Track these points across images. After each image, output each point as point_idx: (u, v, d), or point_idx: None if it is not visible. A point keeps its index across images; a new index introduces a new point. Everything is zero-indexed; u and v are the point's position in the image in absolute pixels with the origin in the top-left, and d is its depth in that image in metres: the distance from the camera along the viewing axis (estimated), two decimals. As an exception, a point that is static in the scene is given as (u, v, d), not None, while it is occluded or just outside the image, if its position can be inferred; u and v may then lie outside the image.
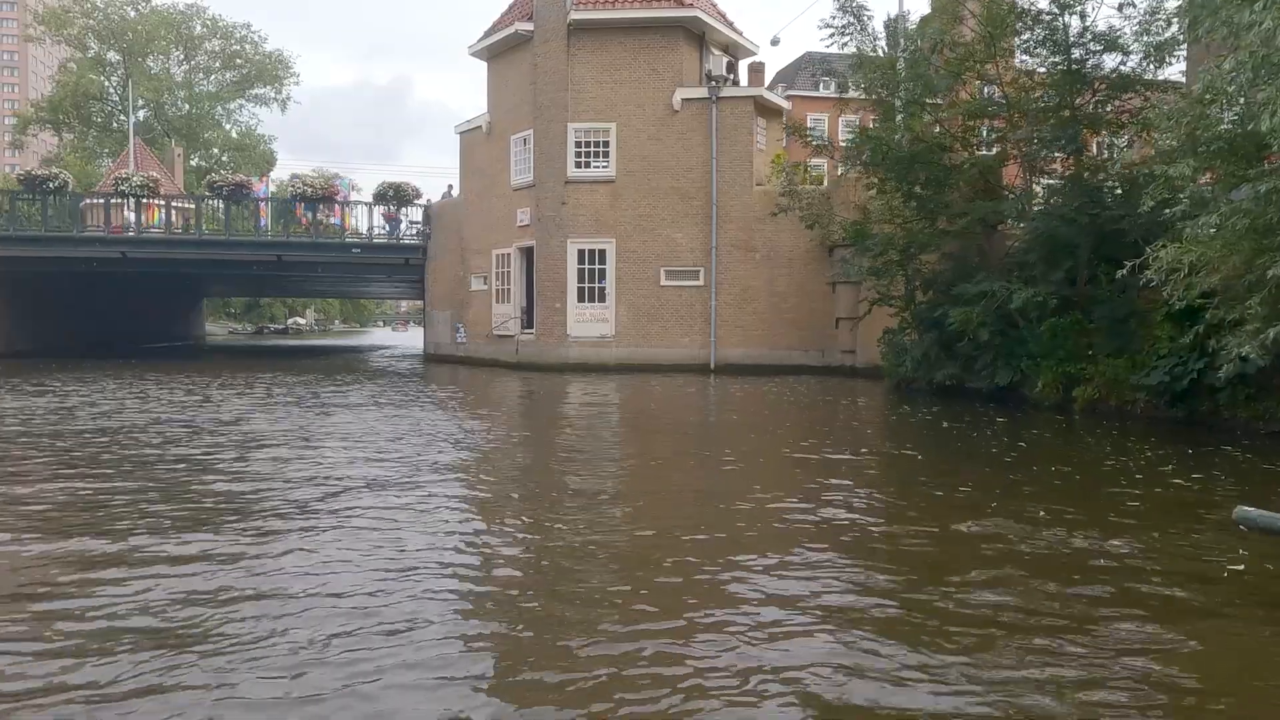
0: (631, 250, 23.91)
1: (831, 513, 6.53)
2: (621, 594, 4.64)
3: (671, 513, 6.57)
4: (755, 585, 4.75)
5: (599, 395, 17.57)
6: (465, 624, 4.18)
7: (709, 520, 6.12)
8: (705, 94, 23.75)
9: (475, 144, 27.66)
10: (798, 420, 13.49)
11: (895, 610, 4.37)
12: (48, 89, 71.72)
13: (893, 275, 17.60)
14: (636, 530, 6.02)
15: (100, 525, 5.88)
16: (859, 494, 7.32)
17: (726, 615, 4.28)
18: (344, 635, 3.92)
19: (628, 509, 6.71)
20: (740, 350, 23.73)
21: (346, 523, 6.00)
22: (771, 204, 23.33)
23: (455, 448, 9.73)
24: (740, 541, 5.63)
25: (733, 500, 6.83)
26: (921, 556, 5.41)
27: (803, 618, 4.27)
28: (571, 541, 5.65)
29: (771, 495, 7.10)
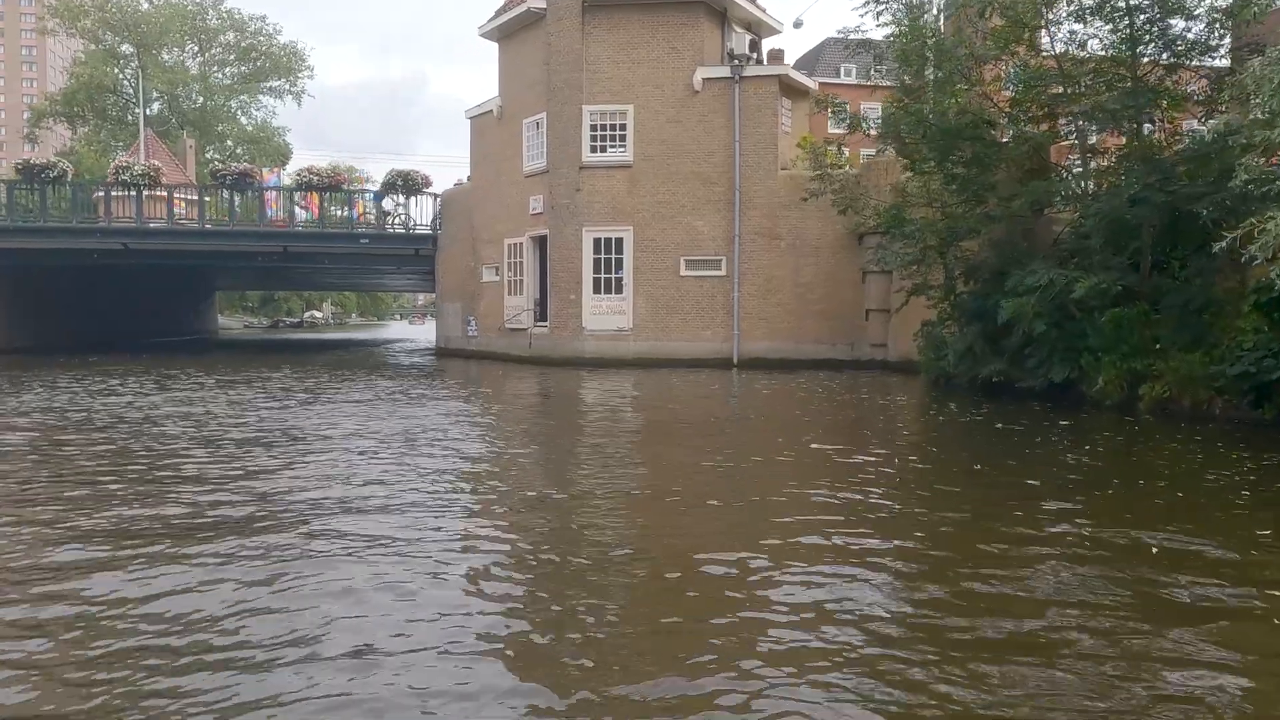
0: (650, 239, 22.69)
1: (887, 536, 5.33)
2: (645, 629, 3.49)
3: (699, 527, 5.41)
4: (810, 630, 3.58)
5: (616, 393, 16.39)
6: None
7: (742, 539, 4.96)
8: (727, 73, 22.48)
9: (486, 129, 26.51)
10: (833, 421, 12.25)
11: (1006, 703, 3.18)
12: (64, 82, 71.28)
13: (930, 263, 16.30)
14: (662, 547, 4.86)
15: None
16: (917, 514, 6.11)
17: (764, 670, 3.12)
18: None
19: (648, 523, 5.55)
20: (764, 344, 22.48)
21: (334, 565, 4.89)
22: (798, 189, 22.08)
23: (456, 467, 8.58)
24: (780, 568, 4.46)
25: (770, 517, 5.66)
26: (1014, 606, 4.20)
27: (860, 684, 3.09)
28: (592, 560, 4.50)
29: (814, 509, 5.91)
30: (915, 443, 10.37)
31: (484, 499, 6.71)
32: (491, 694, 3.25)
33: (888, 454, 9.20)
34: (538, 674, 3.48)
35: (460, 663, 3.52)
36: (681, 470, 8.13)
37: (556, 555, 5.04)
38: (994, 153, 14.78)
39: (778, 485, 7.12)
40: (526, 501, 6.62)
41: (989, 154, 14.86)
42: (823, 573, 4.67)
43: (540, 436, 10.76)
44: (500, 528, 5.74)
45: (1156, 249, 12.98)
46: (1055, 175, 14.97)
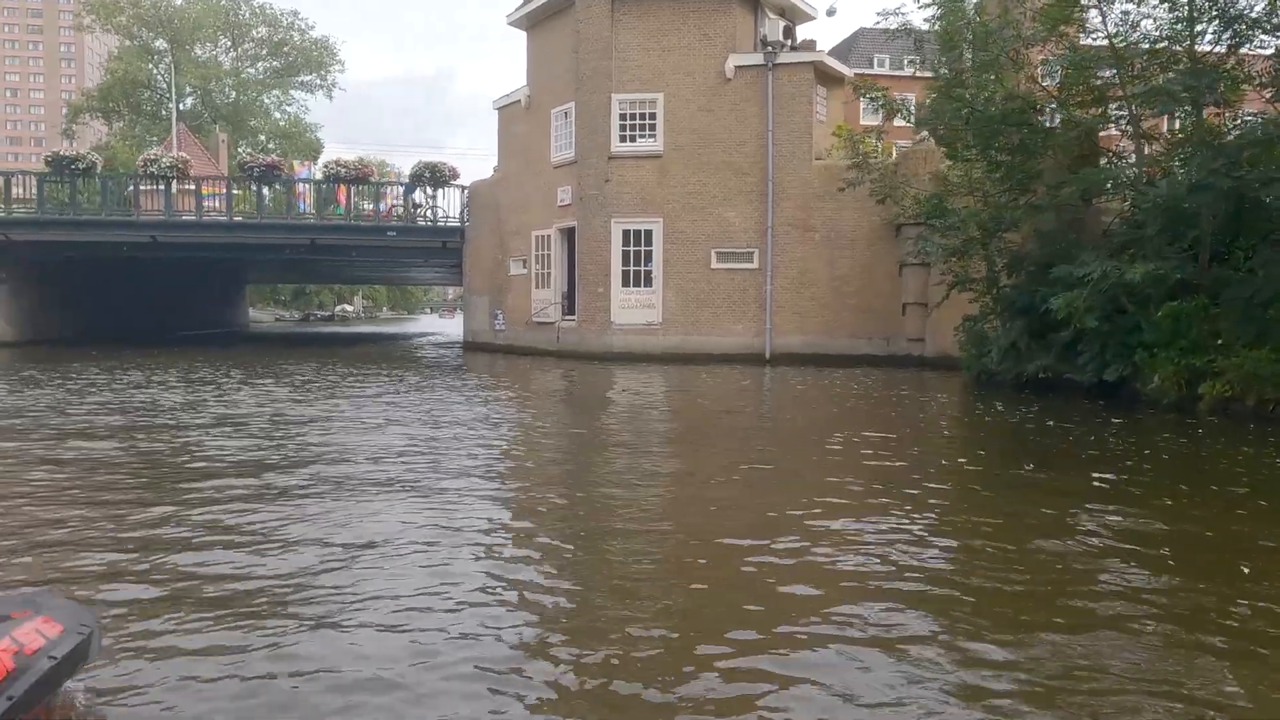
0: (680, 230, 22.16)
1: (948, 549, 4.82)
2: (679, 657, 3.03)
3: (735, 530, 4.93)
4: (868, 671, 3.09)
5: (645, 389, 15.93)
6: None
7: (781, 546, 4.48)
8: (760, 60, 21.86)
9: (514, 119, 26.10)
10: (874, 419, 11.68)
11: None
12: (100, 78, 72.05)
13: (972, 255, 15.65)
14: (695, 567, 4.38)
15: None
16: (973, 520, 5.59)
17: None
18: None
19: (681, 537, 5.07)
20: (797, 339, 21.88)
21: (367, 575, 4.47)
22: (833, 179, 21.45)
23: (486, 467, 8.15)
24: (834, 595, 3.97)
25: (811, 521, 5.16)
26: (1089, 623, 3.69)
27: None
28: (618, 578, 4.05)
29: (862, 511, 5.40)
30: (964, 443, 9.80)
31: (508, 515, 6.26)
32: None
33: (936, 455, 8.66)
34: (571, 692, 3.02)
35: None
36: (716, 470, 7.65)
37: (578, 584, 4.58)
38: (1041, 139, 14.09)
39: (819, 487, 6.62)
40: (554, 509, 6.17)
41: (1035, 140, 14.18)
42: (876, 576, 4.18)
43: (566, 436, 10.32)
44: (527, 533, 5.31)
45: (1217, 239, 12.28)
46: (1107, 162, 14.24)
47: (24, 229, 26.14)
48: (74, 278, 29.99)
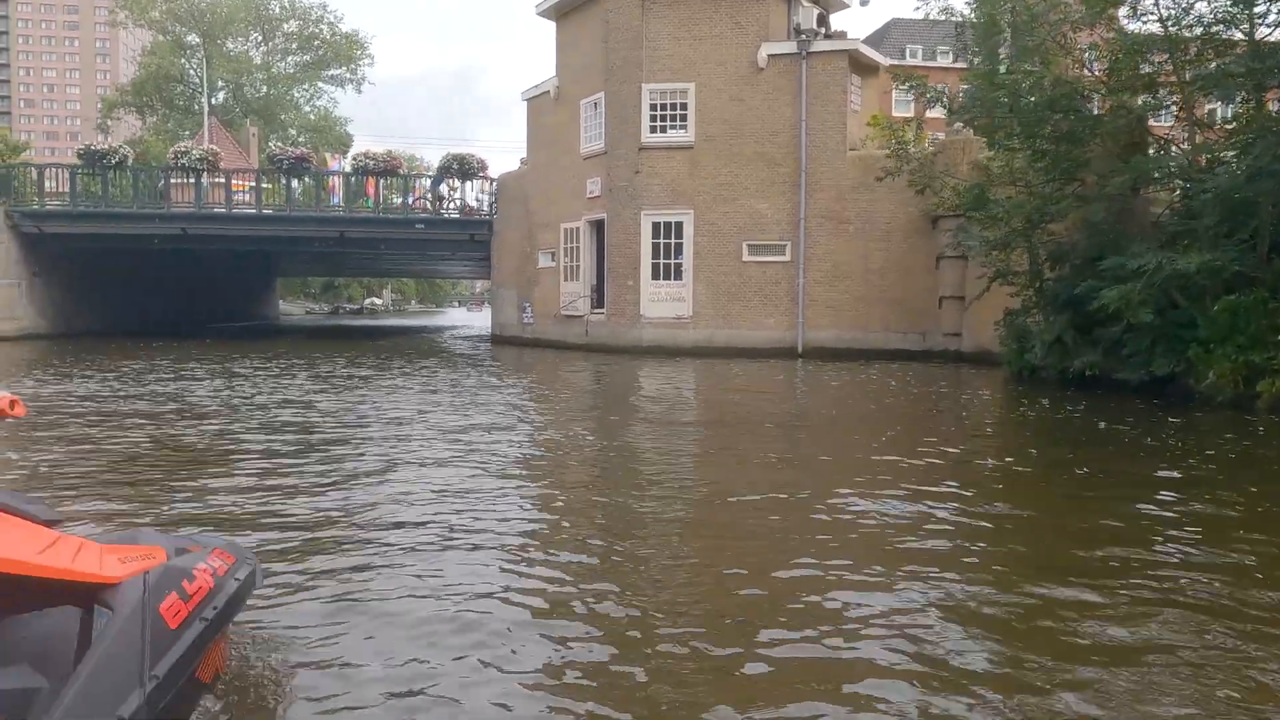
0: (711, 222, 21.81)
1: (1003, 561, 4.47)
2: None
3: (771, 539, 4.62)
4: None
5: (675, 383, 15.62)
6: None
7: (820, 548, 4.16)
8: (794, 49, 21.42)
9: (543, 110, 25.85)
10: (914, 416, 11.29)
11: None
12: (134, 74, 72.78)
13: (1014, 247, 15.17)
14: (733, 586, 4.08)
15: None
16: (1030, 521, 5.22)
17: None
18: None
19: (717, 548, 4.76)
20: (831, 333, 21.47)
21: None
22: (867, 170, 20.99)
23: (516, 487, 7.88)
24: (866, 584, 3.65)
25: (854, 521, 4.84)
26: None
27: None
28: (648, 598, 3.75)
29: (909, 515, 5.07)
30: (1012, 442, 9.39)
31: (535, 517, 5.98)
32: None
33: (983, 456, 8.27)
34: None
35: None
36: (752, 469, 7.33)
37: (615, 587, 4.28)
38: (1089, 127, 13.58)
39: (862, 486, 6.28)
40: (586, 514, 5.89)
41: (1083, 128, 13.67)
42: (925, 584, 3.86)
43: (596, 430, 10.04)
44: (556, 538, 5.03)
45: (1277, 230, 11.73)
46: (1158, 150, 13.70)
47: (56, 221, 26.34)
48: (105, 270, 30.18)
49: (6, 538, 2.13)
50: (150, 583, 2.31)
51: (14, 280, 26.10)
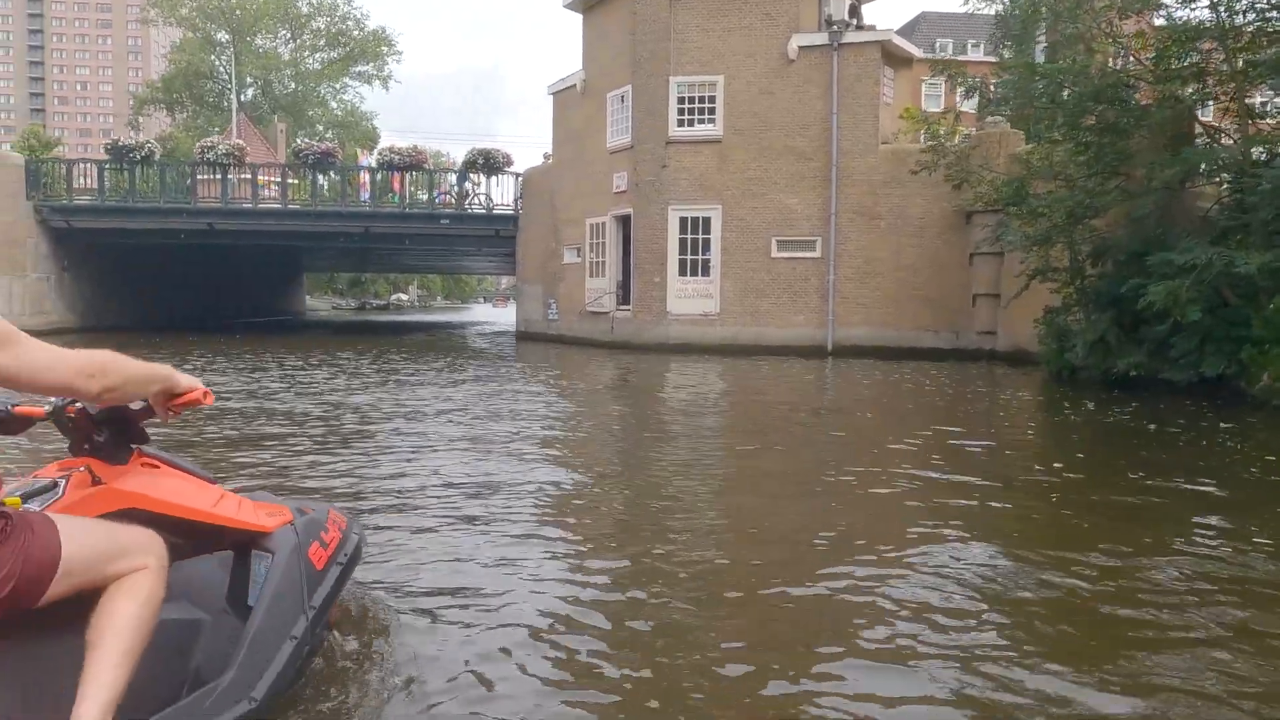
0: (739, 218, 21.43)
1: (1068, 580, 4.11)
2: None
3: (812, 550, 4.29)
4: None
5: (704, 381, 15.29)
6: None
7: (864, 567, 3.83)
8: (825, 40, 20.97)
9: (568, 104, 25.58)
10: (953, 419, 10.89)
11: None
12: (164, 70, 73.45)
13: (1053, 243, 14.68)
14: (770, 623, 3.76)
15: None
16: (1094, 540, 4.85)
17: None
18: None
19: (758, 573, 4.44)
20: (861, 330, 21.03)
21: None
22: (900, 164, 20.55)
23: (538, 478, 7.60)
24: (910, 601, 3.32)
25: (898, 535, 4.49)
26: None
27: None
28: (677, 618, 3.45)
29: (952, 523, 4.72)
30: (1059, 447, 8.97)
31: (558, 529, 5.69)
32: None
33: (1030, 461, 7.88)
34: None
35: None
36: (798, 474, 7.00)
37: (649, 596, 3.97)
38: (1135, 118, 13.07)
39: (903, 494, 5.93)
40: (616, 517, 5.59)
41: (1128, 120, 13.16)
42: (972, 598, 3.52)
43: (624, 433, 9.74)
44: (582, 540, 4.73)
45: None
46: (1207, 142, 13.17)
47: (85, 216, 26.43)
48: (134, 265, 30.30)
49: (188, 491, 2.47)
50: (299, 531, 2.73)
51: (43, 274, 26.22)
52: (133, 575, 2.12)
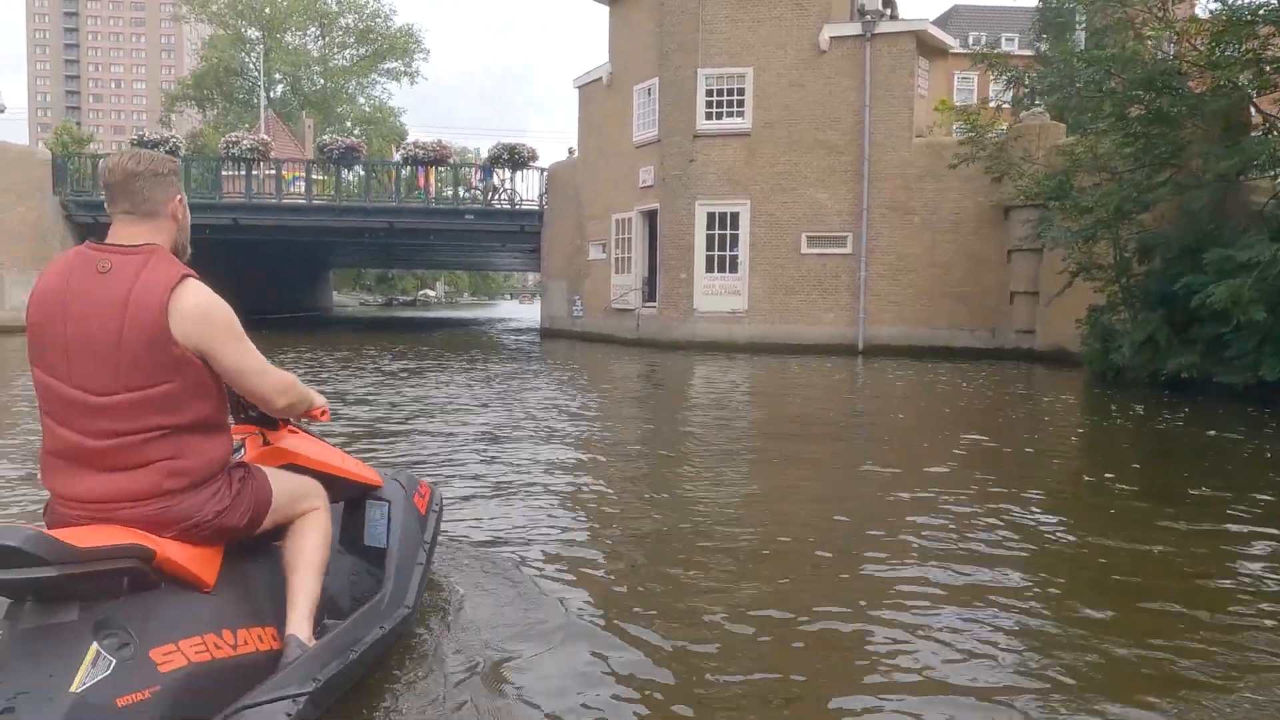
0: (768, 213, 20.90)
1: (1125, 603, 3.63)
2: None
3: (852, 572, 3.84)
4: None
5: (731, 381, 14.81)
6: None
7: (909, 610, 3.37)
8: (858, 30, 20.37)
9: (594, 98, 25.16)
10: (995, 423, 10.33)
11: None
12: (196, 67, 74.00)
13: (1099, 239, 14.04)
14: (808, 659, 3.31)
15: None
16: (1159, 563, 4.35)
17: None
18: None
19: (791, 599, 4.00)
20: (893, 329, 20.43)
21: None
22: (935, 158, 19.96)
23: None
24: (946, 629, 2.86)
25: (942, 550, 4.03)
26: None
27: None
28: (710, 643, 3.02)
29: (1004, 539, 4.24)
30: (1109, 455, 8.40)
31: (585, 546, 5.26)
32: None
33: (1079, 472, 7.35)
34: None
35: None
36: (819, 491, 6.53)
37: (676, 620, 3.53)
38: (1188, 107, 12.39)
39: (940, 509, 5.44)
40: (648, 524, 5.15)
41: (1180, 109, 12.50)
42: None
43: (644, 441, 9.30)
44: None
45: None
46: (1265, 131, 12.46)
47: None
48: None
49: (325, 451, 2.99)
50: (403, 484, 3.23)
51: (70, 270, 26.21)
52: (311, 513, 2.69)
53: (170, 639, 2.14)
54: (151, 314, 2.24)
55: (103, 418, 2.26)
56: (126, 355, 2.24)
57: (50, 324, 2.28)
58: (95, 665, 1.99)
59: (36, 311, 2.32)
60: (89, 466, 2.28)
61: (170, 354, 2.26)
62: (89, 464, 2.28)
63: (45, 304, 2.31)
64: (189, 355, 2.29)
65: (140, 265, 2.30)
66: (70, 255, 2.39)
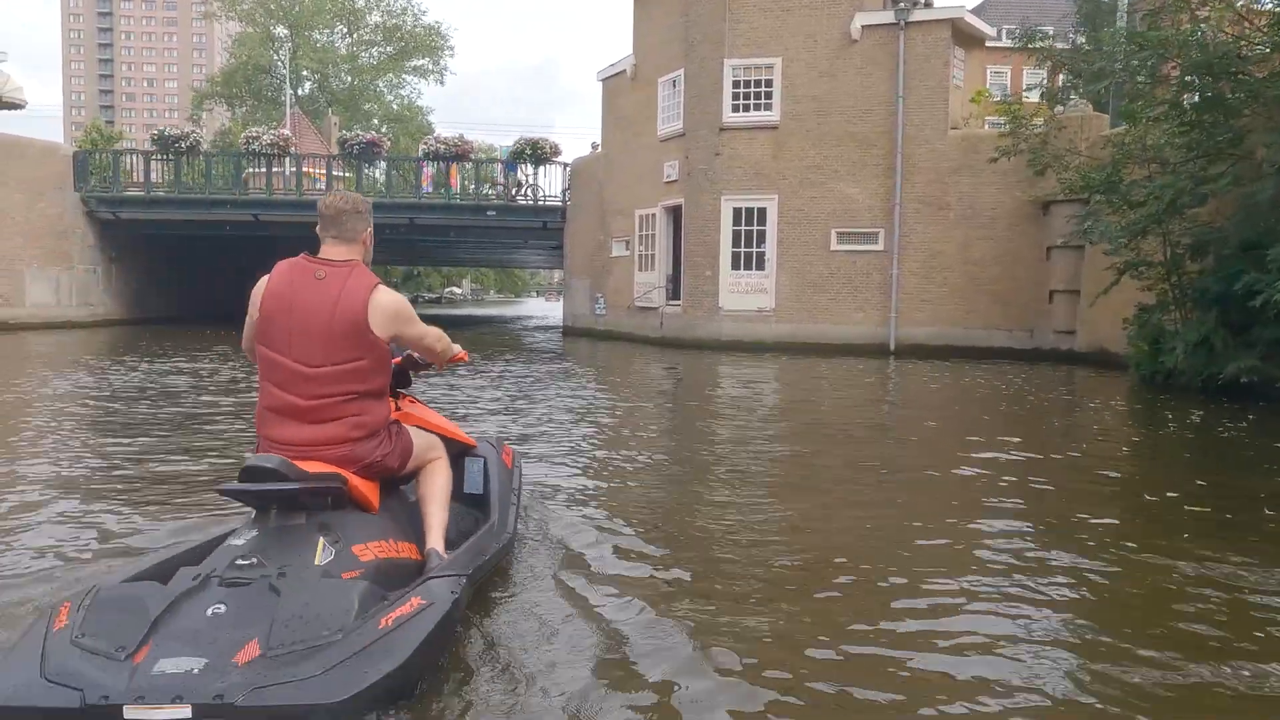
0: (797, 208, 20.21)
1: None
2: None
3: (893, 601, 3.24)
4: None
5: (759, 383, 14.18)
6: None
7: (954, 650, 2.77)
8: (891, 18, 19.62)
9: (618, 91, 24.57)
10: (1040, 432, 9.63)
11: None
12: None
13: (1150, 235, 13.24)
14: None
15: None
16: (1238, 598, 3.70)
17: None
18: None
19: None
20: (926, 329, 19.68)
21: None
22: (970, 151, 19.21)
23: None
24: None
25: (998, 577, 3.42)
26: None
27: None
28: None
29: (1078, 595, 3.62)
30: (1171, 468, 7.70)
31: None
32: None
33: (1139, 486, 6.67)
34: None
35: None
36: (851, 504, 5.91)
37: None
38: (1250, 93, 11.58)
39: (983, 532, 4.81)
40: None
41: (1241, 95, 11.68)
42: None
43: (668, 449, 8.71)
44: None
45: None
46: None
47: (131, 208, 26.21)
48: (182, 257, 30.18)
49: (437, 417, 3.91)
50: (492, 444, 4.18)
51: (90, 266, 26.10)
52: (437, 460, 3.55)
53: (361, 540, 3.03)
54: (355, 310, 3.09)
55: (313, 384, 3.10)
56: (334, 339, 3.09)
57: (278, 315, 3.10)
58: (324, 552, 2.87)
59: (268, 305, 3.13)
60: (299, 419, 3.12)
61: (366, 339, 3.12)
62: (299, 417, 3.12)
63: (274, 300, 3.13)
64: (379, 340, 3.15)
65: (346, 275, 3.15)
66: (291, 264, 3.20)
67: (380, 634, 2.52)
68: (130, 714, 2.23)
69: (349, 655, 2.41)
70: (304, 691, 2.28)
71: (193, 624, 2.51)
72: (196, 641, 2.44)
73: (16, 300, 24.13)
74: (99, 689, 2.25)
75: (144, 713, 2.23)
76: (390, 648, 2.48)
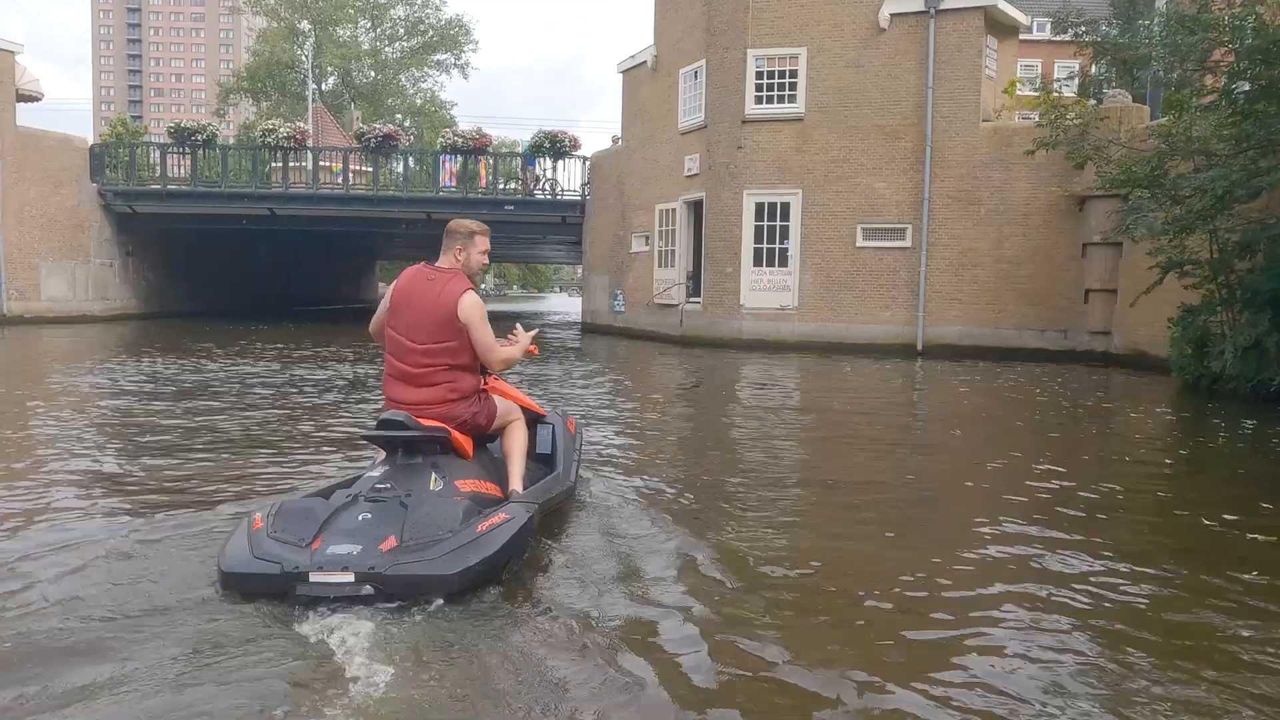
0: (821, 203, 19.57)
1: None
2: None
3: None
4: None
5: (781, 385, 13.61)
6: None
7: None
8: (921, 6, 18.91)
9: (639, 83, 24.02)
10: (1080, 441, 9.02)
11: None
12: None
13: (1196, 231, 12.53)
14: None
15: None
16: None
17: None
18: None
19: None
20: (956, 328, 18.99)
21: None
22: (1003, 144, 18.52)
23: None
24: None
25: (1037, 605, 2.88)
26: None
27: None
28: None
29: (1135, 627, 3.08)
30: (1226, 485, 7.07)
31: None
32: None
33: (1194, 506, 6.06)
34: None
35: None
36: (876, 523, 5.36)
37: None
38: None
39: (1017, 555, 4.25)
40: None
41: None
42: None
43: (686, 458, 8.19)
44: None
45: None
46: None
47: (147, 201, 26.03)
48: (199, 251, 30.01)
49: (516, 391, 4.95)
50: (560, 414, 5.35)
51: (107, 260, 25.93)
52: (516, 422, 4.68)
53: (461, 477, 4.13)
54: (450, 305, 4.22)
55: (421, 356, 4.24)
56: (435, 324, 4.23)
57: (403, 306, 4.28)
58: (436, 482, 3.97)
59: (396, 298, 4.32)
60: (411, 384, 4.26)
61: (455, 325, 4.22)
62: (411, 382, 4.26)
63: (400, 295, 4.32)
64: (464, 328, 4.23)
65: (448, 279, 4.31)
66: (414, 270, 4.39)
67: (478, 535, 3.63)
68: (314, 578, 3.35)
69: (457, 547, 3.53)
70: (427, 567, 3.42)
71: (350, 525, 3.60)
72: (353, 535, 3.53)
73: (32, 294, 23.99)
74: (292, 563, 3.39)
75: (323, 577, 3.35)
76: (485, 544, 3.60)
